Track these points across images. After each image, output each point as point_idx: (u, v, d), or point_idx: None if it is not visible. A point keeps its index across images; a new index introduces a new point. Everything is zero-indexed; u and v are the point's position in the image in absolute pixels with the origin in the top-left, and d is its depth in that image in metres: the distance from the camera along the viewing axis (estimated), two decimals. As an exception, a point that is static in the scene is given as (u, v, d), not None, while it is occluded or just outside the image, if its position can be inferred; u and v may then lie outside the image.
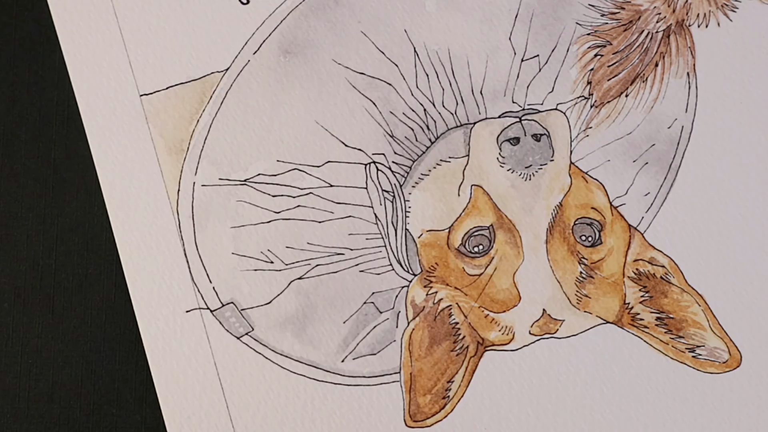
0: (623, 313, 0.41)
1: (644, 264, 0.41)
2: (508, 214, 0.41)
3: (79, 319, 0.41)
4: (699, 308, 0.41)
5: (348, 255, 0.41)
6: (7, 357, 0.41)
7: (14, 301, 0.41)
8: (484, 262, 0.41)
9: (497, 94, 0.41)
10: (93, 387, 0.41)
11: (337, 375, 0.40)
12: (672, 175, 0.41)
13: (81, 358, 0.41)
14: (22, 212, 0.41)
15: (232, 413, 0.40)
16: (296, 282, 0.41)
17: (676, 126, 0.41)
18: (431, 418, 0.40)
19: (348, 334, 0.40)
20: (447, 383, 0.40)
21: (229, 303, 0.40)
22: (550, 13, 0.42)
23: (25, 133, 0.41)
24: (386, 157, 0.41)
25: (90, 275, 0.41)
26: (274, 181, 0.41)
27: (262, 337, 0.40)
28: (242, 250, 0.41)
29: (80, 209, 0.41)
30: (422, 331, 0.40)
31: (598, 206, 0.41)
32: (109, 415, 0.40)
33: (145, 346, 0.40)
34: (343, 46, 0.41)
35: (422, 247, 0.41)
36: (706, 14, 0.42)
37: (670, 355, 0.40)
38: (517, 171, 0.41)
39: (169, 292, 0.40)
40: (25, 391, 0.40)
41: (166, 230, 0.41)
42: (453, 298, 0.40)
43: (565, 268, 0.40)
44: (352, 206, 0.41)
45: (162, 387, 0.40)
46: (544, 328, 0.40)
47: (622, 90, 0.42)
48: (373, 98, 0.41)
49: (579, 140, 0.41)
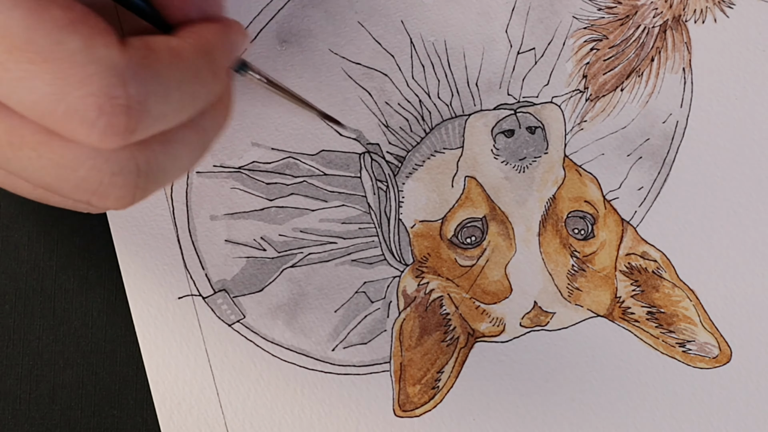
0: (614, 306, 0.41)
1: (636, 258, 0.41)
2: (501, 206, 0.41)
3: (80, 321, 0.41)
4: (690, 303, 0.41)
5: (340, 244, 0.41)
6: (8, 359, 0.41)
7: (15, 303, 0.41)
8: (476, 253, 0.41)
9: (492, 86, 0.41)
10: (94, 389, 0.41)
11: (327, 363, 0.40)
12: (666, 170, 0.41)
13: (82, 360, 0.41)
14: (22, 214, 0.41)
15: (222, 400, 0.40)
16: (288, 270, 0.41)
17: (671, 121, 0.41)
18: (420, 408, 0.40)
19: (339, 323, 0.41)
20: (437, 374, 0.40)
21: (221, 290, 0.41)
22: (546, 7, 0.42)
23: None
24: (381, 146, 0.41)
25: (91, 277, 0.41)
26: (268, 169, 0.41)
27: (254, 325, 0.40)
28: (235, 237, 0.41)
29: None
30: (413, 322, 0.40)
31: (592, 200, 0.41)
32: (110, 417, 0.41)
33: (137, 331, 0.40)
34: (339, 36, 0.41)
35: (415, 238, 0.41)
36: (702, 10, 0.42)
37: (660, 349, 0.40)
38: (511, 163, 0.41)
39: (162, 279, 0.41)
40: (26, 393, 0.41)
41: (160, 217, 0.41)
42: (444, 288, 0.41)
43: (557, 261, 0.41)
44: (345, 195, 0.41)
45: (153, 373, 0.40)
46: (535, 321, 0.40)
47: (617, 84, 0.42)
48: (368, 88, 0.41)
49: (573, 133, 0.41)
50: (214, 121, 0.32)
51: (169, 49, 0.29)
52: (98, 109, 0.26)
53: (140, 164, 0.29)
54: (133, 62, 0.27)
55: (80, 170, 0.28)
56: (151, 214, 0.41)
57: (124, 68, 0.26)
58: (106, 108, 0.26)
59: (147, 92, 0.27)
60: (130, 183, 0.29)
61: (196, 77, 0.29)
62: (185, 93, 0.29)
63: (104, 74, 0.26)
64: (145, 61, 0.27)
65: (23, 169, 0.28)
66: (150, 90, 0.27)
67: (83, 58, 0.26)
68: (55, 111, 0.26)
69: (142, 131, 0.28)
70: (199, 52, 0.30)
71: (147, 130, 0.28)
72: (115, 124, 0.26)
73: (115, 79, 0.26)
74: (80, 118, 0.26)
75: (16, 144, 0.28)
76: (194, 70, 0.29)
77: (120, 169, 0.28)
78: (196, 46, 0.30)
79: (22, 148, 0.28)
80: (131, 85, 0.27)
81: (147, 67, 0.27)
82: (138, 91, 0.27)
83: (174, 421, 0.40)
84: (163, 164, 0.30)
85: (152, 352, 0.40)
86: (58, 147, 0.27)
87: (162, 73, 0.28)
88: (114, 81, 0.26)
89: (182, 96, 0.29)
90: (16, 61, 0.25)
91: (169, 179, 0.31)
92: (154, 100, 0.27)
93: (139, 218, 0.41)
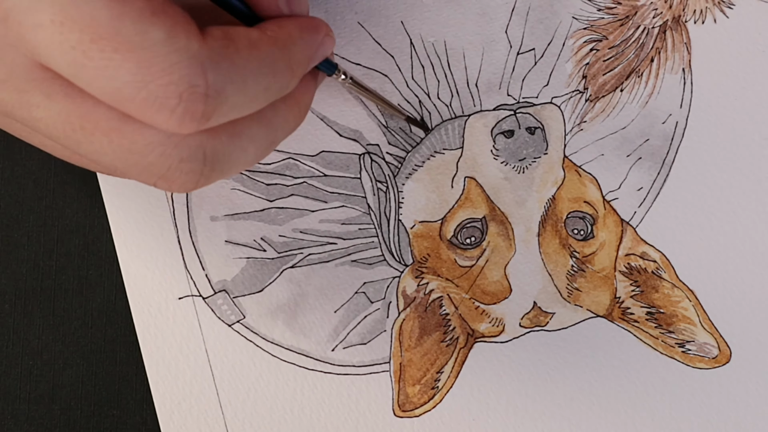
0: (614, 307, 0.41)
1: (636, 258, 0.41)
2: (500, 207, 0.41)
3: (80, 320, 0.41)
4: (689, 303, 0.41)
5: (340, 245, 0.41)
6: (8, 359, 0.41)
7: (15, 302, 0.41)
8: (475, 253, 0.41)
9: (492, 86, 0.41)
10: (94, 388, 0.41)
11: (327, 364, 0.40)
12: (665, 170, 0.41)
13: (82, 360, 0.41)
14: (22, 214, 0.41)
15: (222, 400, 0.40)
16: (288, 270, 0.41)
17: (671, 121, 0.41)
18: (420, 408, 0.40)
19: (339, 323, 0.41)
20: (436, 374, 0.40)
21: (221, 291, 0.41)
22: (546, 7, 0.42)
23: (24, 130, 0.42)
24: (380, 147, 0.41)
25: (91, 277, 0.41)
26: (268, 170, 0.41)
27: (254, 325, 0.41)
28: (235, 237, 0.41)
29: (81, 211, 0.41)
30: (413, 322, 0.41)
31: (591, 200, 0.41)
32: (109, 417, 0.41)
33: (137, 332, 0.40)
34: (339, 36, 0.41)
35: (414, 238, 0.41)
36: (702, 10, 0.42)
37: (659, 349, 0.40)
38: (510, 163, 0.41)
39: (162, 279, 0.41)
40: (26, 392, 0.41)
41: (161, 217, 0.41)
42: (444, 289, 0.41)
43: (556, 261, 0.41)
44: (345, 196, 0.41)
45: (153, 373, 0.40)
46: (535, 321, 0.41)
47: (617, 85, 0.42)
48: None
49: (573, 134, 0.41)
50: (285, 119, 0.33)
51: (248, 40, 0.29)
52: (178, 96, 0.27)
53: (207, 152, 0.30)
54: (214, 52, 0.28)
55: (150, 156, 0.29)
56: (151, 215, 0.41)
57: (205, 58, 0.27)
58: (185, 96, 0.27)
59: (225, 81, 0.28)
60: (196, 170, 0.30)
61: (272, 70, 0.30)
62: (260, 84, 0.29)
63: (185, 63, 0.27)
64: (225, 51, 0.28)
65: (93, 152, 0.29)
66: (228, 79, 0.28)
67: (166, 48, 0.26)
68: (135, 98, 0.27)
69: (217, 118, 0.28)
70: (277, 45, 0.30)
71: (221, 118, 0.29)
72: (193, 110, 0.27)
73: (195, 68, 0.27)
74: (160, 104, 0.27)
75: (88, 129, 0.28)
76: (270, 63, 0.30)
77: (188, 156, 0.29)
78: (274, 39, 0.30)
79: (95, 133, 0.28)
80: (210, 74, 0.27)
81: (226, 57, 0.28)
82: (216, 80, 0.27)
83: (174, 421, 0.40)
84: (229, 155, 0.30)
85: (152, 352, 0.40)
86: (129, 133, 0.28)
87: (240, 64, 0.28)
88: (195, 70, 0.27)
89: (257, 87, 0.29)
90: (101, 50, 0.26)
91: (234, 170, 0.32)
92: (231, 89, 0.28)
93: (140, 219, 0.41)
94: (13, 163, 0.41)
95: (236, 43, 0.29)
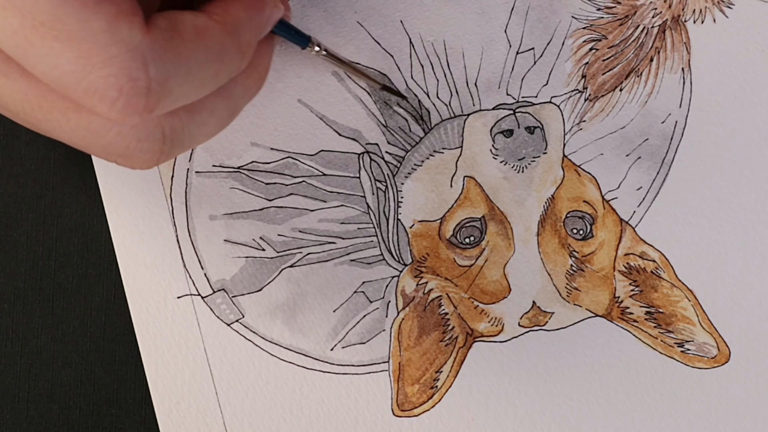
0: (613, 306, 0.41)
1: (635, 258, 0.41)
2: (500, 206, 0.41)
3: (79, 319, 0.41)
4: (689, 303, 0.41)
5: (339, 244, 0.41)
6: (7, 358, 0.41)
7: (14, 302, 0.41)
8: (475, 253, 0.41)
9: (492, 86, 0.41)
10: (93, 388, 0.41)
11: (326, 363, 0.40)
12: (665, 170, 0.41)
13: (80, 359, 0.41)
14: (21, 213, 0.41)
15: (221, 399, 0.40)
16: (287, 270, 0.41)
17: (670, 121, 0.41)
18: (419, 408, 0.40)
19: (338, 322, 0.41)
20: (435, 373, 0.40)
21: (220, 290, 0.41)
22: (546, 7, 0.42)
23: (25, 134, 0.42)
24: (380, 147, 0.41)
25: (90, 276, 0.41)
26: (267, 169, 0.41)
27: (253, 325, 0.40)
28: (234, 237, 0.41)
29: (80, 210, 0.41)
30: (412, 321, 0.40)
31: (590, 200, 0.41)
32: (108, 416, 0.41)
33: (136, 331, 0.40)
34: (338, 36, 0.41)
35: (413, 238, 0.41)
36: (702, 10, 0.42)
37: (658, 349, 0.40)
38: (509, 163, 0.41)
39: (161, 278, 0.41)
40: (25, 391, 0.41)
41: (159, 216, 0.41)
42: (443, 288, 0.41)
43: (555, 261, 0.41)
44: (344, 195, 0.41)
45: (152, 372, 0.40)
46: (534, 320, 0.41)
47: (616, 84, 0.42)
48: (367, 88, 0.41)
49: (572, 133, 0.41)
50: (244, 88, 0.32)
51: (194, 28, 0.29)
52: (118, 89, 0.26)
53: (166, 131, 0.29)
54: (157, 44, 0.27)
55: (107, 136, 0.29)
56: (150, 214, 0.41)
57: (147, 50, 0.27)
58: (125, 89, 0.26)
59: (168, 73, 0.27)
60: (156, 149, 0.30)
61: (220, 57, 0.30)
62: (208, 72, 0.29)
63: (126, 56, 0.26)
64: (169, 43, 0.27)
65: (52, 130, 0.29)
66: (171, 71, 0.27)
67: (106, 38, 0.26)
68: (77, 87, 0.26)
69: (161, 109, 0.28)
70: (225, 31, 0.30)
71: (168, 107, 0.28)
72: (134, 103, 0.27)
73: (136, 61, 0.26)
74: (101, 96, 0.26)
75: (45, 108, 0.28)
76: (219, 50, 0.29)
77: (146, 136, 0.29)
78: (221, 24, 0.30)
79: (52, 112, 0.28)
80: (152, 67, 0.27)
81: (170, 49, 0.27)
82: (159, 73, 0.27)
83: (173, 420, 0.40)
84: (189, 130, 0.30)
85: (151, 351, 0.40)
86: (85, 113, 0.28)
87: (184, 54, 0.28)
88: (136, 63, 0.26)
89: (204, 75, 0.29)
90: (42, 37, 0.26)
91: (195, 143, 0.31)
92: (175, 81, 0.28)
93: (138, 217, 0.41)
94: (12, 162, 0.41)
95: (181, 33, 0.28)
